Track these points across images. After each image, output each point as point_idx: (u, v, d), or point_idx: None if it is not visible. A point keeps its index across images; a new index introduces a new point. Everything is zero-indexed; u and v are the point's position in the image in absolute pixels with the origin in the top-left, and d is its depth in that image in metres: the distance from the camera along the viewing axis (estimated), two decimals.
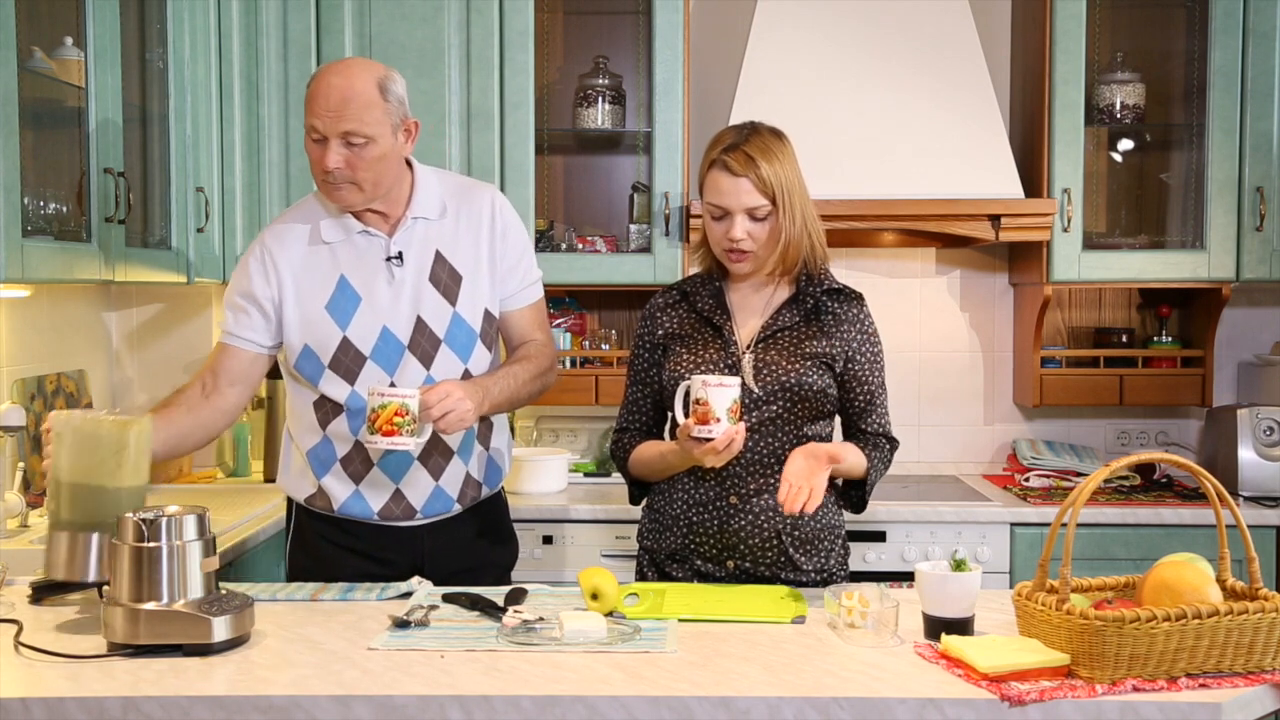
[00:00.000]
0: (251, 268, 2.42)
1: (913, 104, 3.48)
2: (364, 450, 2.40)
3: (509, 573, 2.62)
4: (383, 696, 1.68)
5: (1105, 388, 3.64)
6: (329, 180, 2.31)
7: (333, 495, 2.44)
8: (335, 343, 2.38)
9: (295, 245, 2.42)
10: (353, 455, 2.42)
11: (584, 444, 3.82)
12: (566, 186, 3.84)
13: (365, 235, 2.41)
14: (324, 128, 2.26)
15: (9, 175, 2.36)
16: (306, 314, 2.38)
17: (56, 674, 1.76)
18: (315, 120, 2.27)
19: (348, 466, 2.43)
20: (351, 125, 2.25)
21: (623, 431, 2.49)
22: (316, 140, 2.29)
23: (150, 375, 3.66)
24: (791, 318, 2.36)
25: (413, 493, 2.44)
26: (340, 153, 2.27)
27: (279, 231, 2.45)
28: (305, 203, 2.50)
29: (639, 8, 3.65)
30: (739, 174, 2.28)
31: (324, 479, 2.44)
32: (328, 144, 2.27)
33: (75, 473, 1.95)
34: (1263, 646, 1.74)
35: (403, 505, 2.44)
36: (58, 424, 1.97)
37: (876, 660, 1.82)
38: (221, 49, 3.39)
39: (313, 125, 2.28)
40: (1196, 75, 3.54)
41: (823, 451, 2.21)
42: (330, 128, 2.26)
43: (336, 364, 2.38)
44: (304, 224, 2.44)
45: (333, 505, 2.45)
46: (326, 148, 2.27)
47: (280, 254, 2.41)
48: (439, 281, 2.41)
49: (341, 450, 2.43)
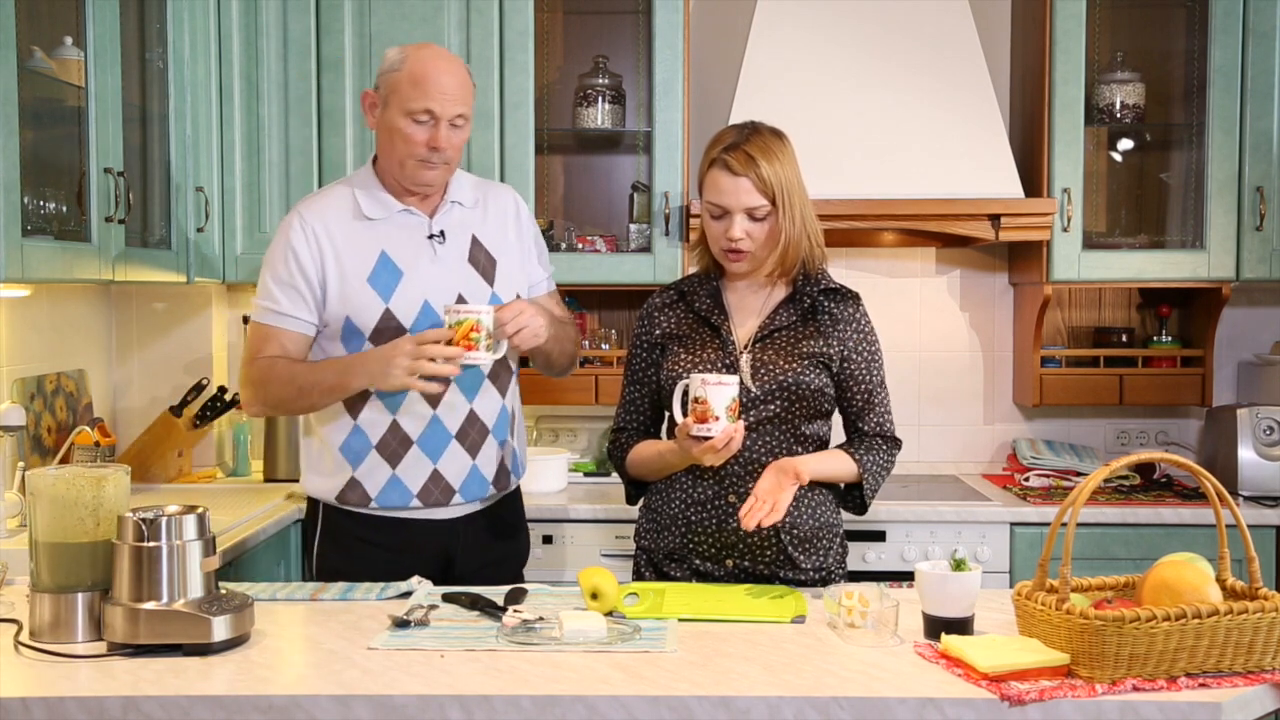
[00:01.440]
0: (294, 241, 2.43)
1: (913, 104, 3.48)
2: (400, 430, 2.44)
3: (523, 568, 2.68)
4: (383, 696, 1.68)
5: (1105, 387, 3.64)
6: (429, 160, 2.41)
7: (369, 486, 2.46)
8: (377, 314, 2.42)
9: (335, 219, 2.46)
10: (388, 438, 2.45)
11: (584, 444, 3.82)
12: (566, 186, 3.84)
13: (406, 214, 2.48)
14: (439, 110, 2.38)
15: (9, 175, 2.36)
16: (349, 286, 2.42)
17: (56, 674, 1.76)
18: (430, 103, 2.37)
19: (384, 450, 2.45)
20: (463, 108, 2.41)
21: (620, 431, 2.49)
22: (422, 122, 2.38)
23: (150, 375, 3.66)
24: (788, 317, 2.36)
25: (450, 470, 2.47)
26: (448, 133, 2.39)
27: (316, 207, 2.48)
28: (333, 187, 2.55)
29: (639, 8, 3.65)
30: (739, 173, 2.28)
31: (358, 470, 2.46)
32: (437, 125, 2.38)
33: (52, 533, 1.91)
34: (1263, 646, 1.74)
35: (441, 486, 2.47)
36: (33, 483, 1.93)
37: (876, 660, 1.82)
38: (221, 49, 3.39)
39: (427, 108, 2.37)
40: (1196, 75, 3.54)
41: (791, 468, 2.24)
42: (445, 110, 2.38)
43: (378, 336, 2.41)
44: (341, 201, 2.49)
45: (369, 497, 2.46)
46: (436, 129, 2.39)
47: (320, 226, 2.45)
48: (477, 263, 2.50)
49: (375, 436, 2.45)
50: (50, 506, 1.90)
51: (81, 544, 1.91)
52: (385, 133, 2.44)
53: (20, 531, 2.72)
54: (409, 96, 2.38)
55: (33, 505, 1.92)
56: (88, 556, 1.91)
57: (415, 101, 2.37)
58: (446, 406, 2.46)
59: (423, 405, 2.45)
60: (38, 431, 3.07)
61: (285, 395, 2.42)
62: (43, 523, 1.91)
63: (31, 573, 1.93)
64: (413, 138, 2.39)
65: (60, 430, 3.17)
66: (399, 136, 2.40)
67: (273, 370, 2.41)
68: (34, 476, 1.93)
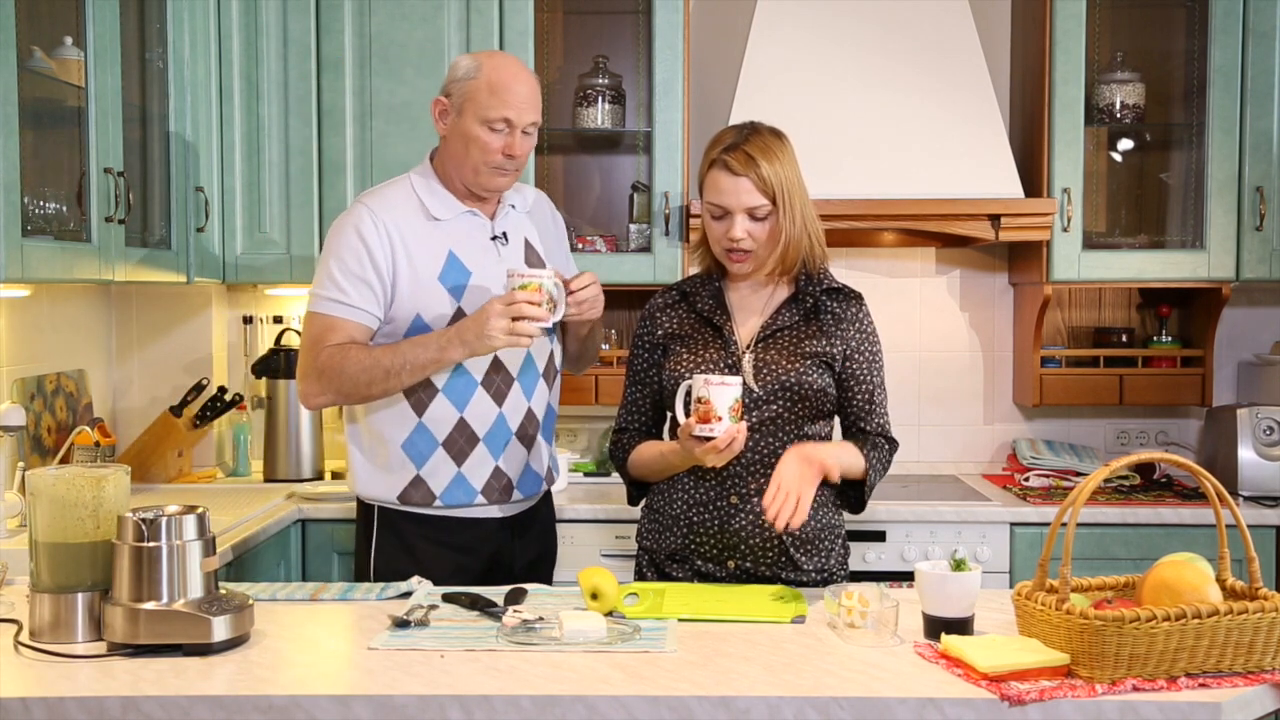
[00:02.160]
0: (367, 235, 2.43)
1: (913, 104, 3.48)
2: (468, 429, 2.46)
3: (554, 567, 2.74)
4: (383, 696, 1.68)
5: (1105, 387, 3.64)
6: (505, 167, 2.44)
7: (433, 484, 2.47)
8: (450, 312, 2.44)
9: (406, 216, 2.47)
10: (455, 436, 2.46)
11: (584, 444, 3.82)
12: (566, 186, 3.84)
13: (470, 215, 2.52)
14: (517, 118, 2.42)
15: (9, 175, 2.36)
16: (420, 284, 2.43)
17: (56, 674, 1.77)
18: (509, 112, 2.41)
19: (451, 447, 2.46)
20: (536, 116, 2.46)
21: (621, 432, 2.49)
22: (498, 130, 2.41)
23: (150, 375, 3.67)
24: (791, 317, 2.36)
25: (511, 467, 2.51)
26: (521, 140, 2.43)
27: (385, 203, 2.48)
28: (395, 184, 2.55)
29: (639, 8, 3.65)
30: (739, 173, 2.28)
31: (423, 469, 2.47)
32: (513, 133, 2.42)
33: (52, 533, 1.91)
34: (1263, 646, 1.74)
35: (503, 482, 2.51)
36: (33, 484, 1.93)
37: (876, 660, 1.82)
38: (221, 49, 3.39)
39: (505, 117, 2.41)
40: (1196, 75, 3.54)
41: (817, 459, 2.21)
42: (522, 118, 2.42)
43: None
44: (407, 199, 2.50)
45: (434, 495, 2.47)
46: (514, 137, 2.42)
47: (392, 222, 2.45)
48: (530, 264, 2.54)
49: (442, 433, 2.46)
50: (50, 507, 1.90)
51: (81, 544, 1.91)
52: (459, 140, 2.44)
53: (20, 531, 2.73)
54: (487, 105, 2.40)
55: (33, 505, 1.92)
56: (88, 556, 1.91)
57: (493, 110, 2.40)
58: (510, 404, 2.49)
59: (489, 403, 2.47)
60: (38, 431, 3.07)
61: (364, 380, 2.37)
62: (43, 523, 1.91)
63: (31, 573, 1.93)
64: (490, 145, 2.41)
65: (60, 430, 3.17)
66: (475, 144, 2.42)
67: (347, 357, 2.38)
68: (34, 476, 1.92)
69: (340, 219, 2.49)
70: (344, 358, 2.39)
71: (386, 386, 2.39)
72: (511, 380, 2.49)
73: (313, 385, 2.44)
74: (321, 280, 2.44)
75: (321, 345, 2.41)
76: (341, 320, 2.42)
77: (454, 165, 2.49)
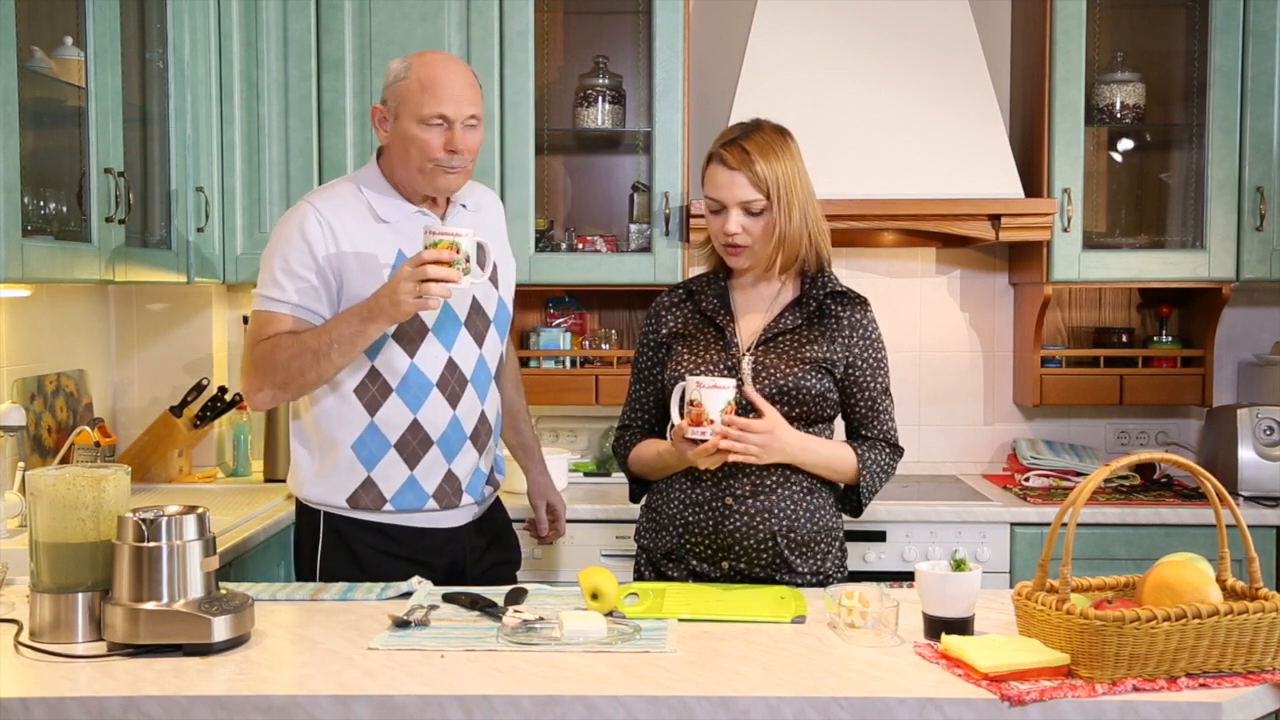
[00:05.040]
0: (310, 233, 2.39)
1: (913, 104, 3.48)
2: (421, 430, 2.43)
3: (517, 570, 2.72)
4: (383, 696, 1.68)
5: (1105, 387, 3.64)
6: (451, 165, 2.40)
7: (384, 488, 2.44)
8: None
9: (351, 218, 2.43)
10: (408, 438, 2.43)
11: (584, 444, 3.82)
12: (566, 186, 3.84)
13: (420, 215, 2.48)
14: (452, 112, 2.38)
15: (9, 175, 2.36)
16: (371, 283, 2.36)
17: (56, 674, 1.77)
18: (443, 107, 2.37)
19: (404, 450, 2.43)
20: (474, 109, 2.41)
21: (625, 429, 2.49)
22: (436, 125, 2.37)
23: (150, 375, 3.66)
24: (794, 320, 2.36)
25: (461, 470, 2.49)
26: (463, 135, 2.39)
27: (331, 204, 2.44)
28: (339, 185, 2.51)
29: (639, 8, 3.65)
30: (734, 168, 2.29)
31: (374, 471, 2.44)
32: (452, 128, 2.38)
33: (52, 533, 1.90)
34: (1263, 646, 1.74)
35: (454, 485, 2.48)
36: (33, 484, 1.92)
37: (876, 660, 1.82)
38: (221, 49, 3.39)
39: (439, 113, 2.37)
40: (1196, 75, 3.54)
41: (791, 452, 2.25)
42: (458, 111, 2.38)
43: (400, 333, 2.40)
44: (354, 200, 2.46)
45: (384, 499, 2.44)
46: (453, 131, 2.38)
47: (338, 222, 2.41)
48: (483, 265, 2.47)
49: (394, 435, 2.43)
50: (50, 507, 1.90)
51: (81, 544, 1.90)
52: (400, 143, 2.41)
53: (20, 532, 2.72)
54: (420, 103, 2.37)
55: (33, 505, 1.91)
56: (88, 557, 1.91)
57: (426, 107, 2.36)
58: (464, 407, 2.47)
59: (444, 405, 2.44)
60: (38, 432, 3.07)
61: (297, 368, 2.33)
62: (43, 523, 1.91)
63: (31, 573, 1.93)
64: (430, 143, 2.38)
65: (60, 430, 3.17)
66: (415, 144, 2.38)
67: (277, 346, 2.35)
68: (34, 477, 1.92)
69: (284, 217, 2.46)
70: (275, 348, 2.35)
71: (319, 370, 2.33)
72: (465, 382, 2.46)
73: (252, 381, 2.40)
74: (264, 279, 2.41)
75: (258, 341, 2.39)
76: (282, 317, 2.38)
77: (401, 169, 2.44)
